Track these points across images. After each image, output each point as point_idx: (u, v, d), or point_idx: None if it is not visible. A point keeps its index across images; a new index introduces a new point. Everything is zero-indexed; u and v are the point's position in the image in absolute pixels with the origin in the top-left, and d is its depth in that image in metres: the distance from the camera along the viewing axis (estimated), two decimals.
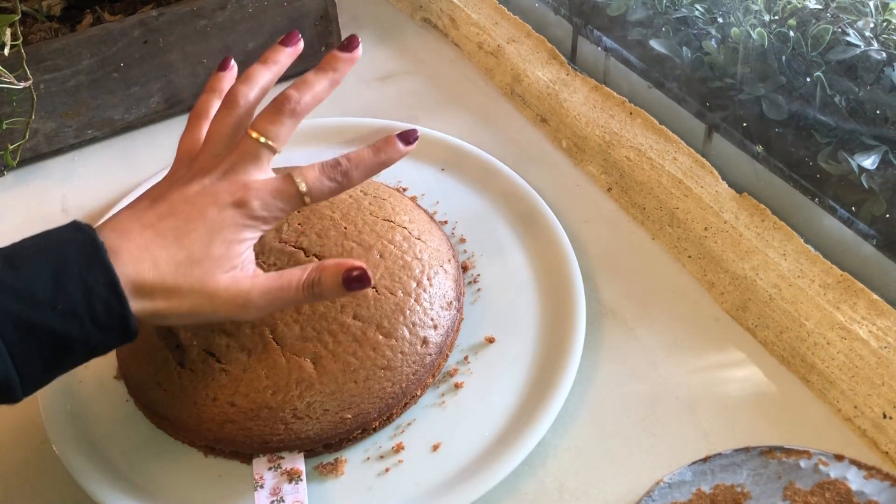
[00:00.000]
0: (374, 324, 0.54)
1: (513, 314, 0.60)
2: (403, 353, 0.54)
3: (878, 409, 0.52)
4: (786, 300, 0.57)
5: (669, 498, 0.49)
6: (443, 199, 0.69)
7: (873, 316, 0.55)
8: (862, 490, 0.49)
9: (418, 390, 0.55)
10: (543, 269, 0.63)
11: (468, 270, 0.63)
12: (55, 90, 0.72)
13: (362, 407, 0.53)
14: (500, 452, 0.51)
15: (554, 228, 0.64)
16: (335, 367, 0.53)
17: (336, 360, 0.53)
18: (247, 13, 0.77)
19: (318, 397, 0.52)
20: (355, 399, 0.52)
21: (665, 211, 0.66)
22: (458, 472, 0.51)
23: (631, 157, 0.69)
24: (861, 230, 0.59)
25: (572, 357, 0.55)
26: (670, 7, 0.72)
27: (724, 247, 0.62)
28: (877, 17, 0.59)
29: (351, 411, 0.52)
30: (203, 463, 0.53)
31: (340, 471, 0.52)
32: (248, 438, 0.52)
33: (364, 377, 0.53)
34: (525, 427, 0.52)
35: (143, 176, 0.72)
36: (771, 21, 0.64)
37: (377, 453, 0.53)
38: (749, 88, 0.65)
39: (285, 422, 0.52)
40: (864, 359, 0.53)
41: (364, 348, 0.53)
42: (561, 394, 0.53)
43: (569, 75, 0.78)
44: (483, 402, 0.55)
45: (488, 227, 0.67)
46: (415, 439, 0.54)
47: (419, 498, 0.50)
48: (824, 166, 0.60)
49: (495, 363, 0.57)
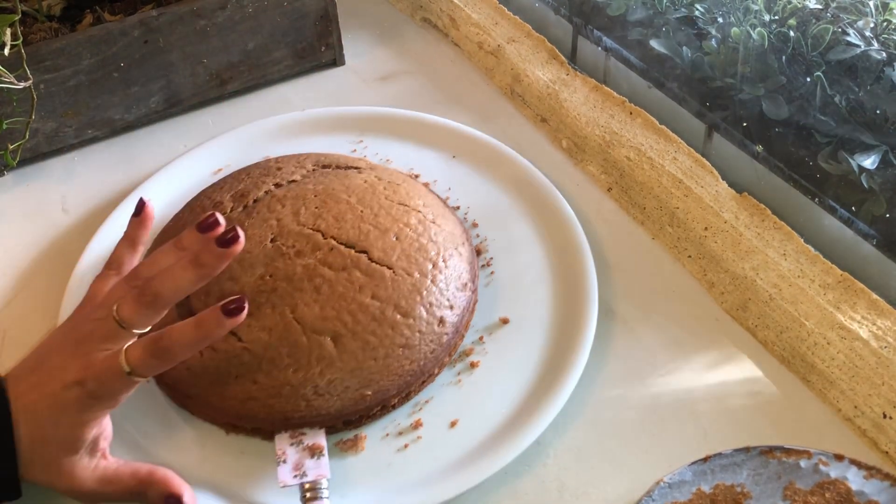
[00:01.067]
0: (391, 304, 0.55)
1: (526, 296, 0.62)
2: (421, 332, 0.55)
3: (879, 408, 0.52)
4: (786, 300, 0.57)
5: (669, 498, 0.49)
6: (455, 185, 0.70)
7: (873, 316, 0.55)
8: (862, 490, 0.49)
9: (435, 369, 0.56)
10: (555, 251, 0.64)
11: (481, 254, 0.65)
12: (55, 90, 0.72)
13: (382, 384, 0.54)
14: (516, 428, 0.53)
15: (565, 212, 0.66)
16: (355, 345, 0.54)
17: (356, 338, 0.54)
18: (247, 13, 0.77)
19: (338, 374, 0.53)
20: (375, 376, 0.53)
21: (665, 211, 0.66)
22: (475, 447, 0.53)
23: (631, 156, 0.69)
24: (861, 230, 0.59)
25: (586, 335, 0.57)
26: (670, 7, 0.72)
27: (725, 247, 0.62)
28: (877, 16, 0.59)
29: (371, 388, 0.53)
30: (225, 440, 0.54)
31: (360, 447, 0.54)
32: (269, 415, 0.53)
33: (383, 355, 0.54)
34: (540, 404, 0.54)
35: (143, 176, 0.72)
36: (771, 21, 0.64)
37: (396, 430, 0.54)
38: (749, 88, 0.65)
39: (307, 398, 0.52)
40: (865, 359, 0.53)
41: (383, 327, 0.54)
42: (575, 372, 0.55)
43: (569, 75, 0.78)
44: (499, 380, 0.56)
45: (500, 212, 0.68)
46: (433, 416, 0.55)
47: (438, 473, 0.51)
48: (824, 166, 0.60)
49: (510, 343, 0.59)
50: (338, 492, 0.51)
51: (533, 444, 0.53)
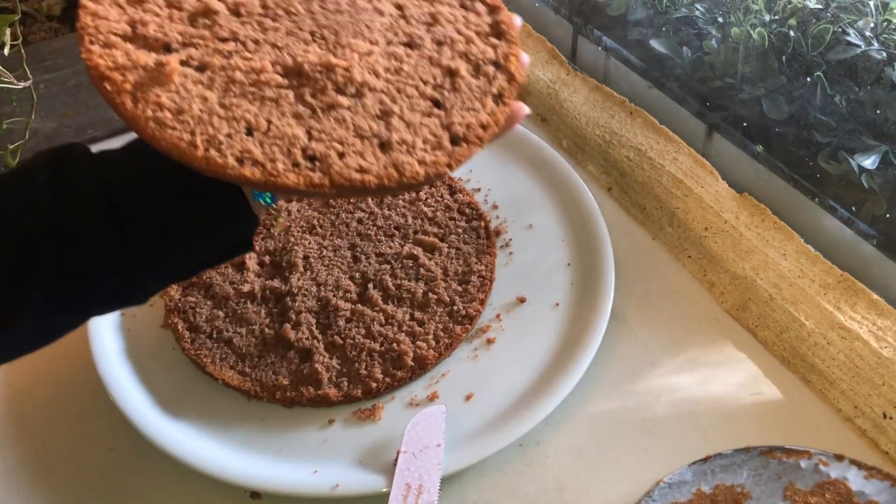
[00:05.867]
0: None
1: (543, 276, 0.63)
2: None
3: (879, 409, 0.52)
4: (786, 300, 0.57)
5: (669, 498, 0.49)
6: (477, 167, 0.72)
7: (874, 316, 0.55)
8: (862, 490, 0.49)
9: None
10: (573, 233, 0.66)
11: (501, 235, 0.66)
12: (55, 90, 0.72)
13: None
14: (531, 402, 0.54)
15: (582, 193, 0.67)
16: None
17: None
18: None
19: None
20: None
21: (665, 211, 0.66)
22: (491, 419, 0.54)
23: (631, 156, 0.69)
24: (861, 230, 0.59)
25: (601, 315, 0.58)
26: (670, 7, 0.72)
27: (725, 247, 0.62)
28: (877, 16, 0.59)
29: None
30: (247, 406, 0.56)
31: (378, 416, 0.55)
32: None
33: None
34: (555, 379, 0.55)
35: None
36: (771, 21, 0.64)
37: (413, 401, 0.56)
38: (749, 88, 0.65)
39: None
40: (865, 359, 0.53)
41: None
42: (590, 350, 0.56)
43: (569, 75, 0.78)
44: (515, 356, 0.58)
45: (521, 197, 0.69)
46: (449, 390, 0.56)
47: (454, 443, 0.52)
48: (824, 166, 0.60)
49: (526, 322, 0.60)
50: (354, 460, 0.53)
51: (533, 444, 0.54)
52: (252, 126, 0.37)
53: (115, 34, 0.38)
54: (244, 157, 0.36)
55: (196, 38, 0.39)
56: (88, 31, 0.37)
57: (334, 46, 0.40)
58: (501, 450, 0.52)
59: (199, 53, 0.38)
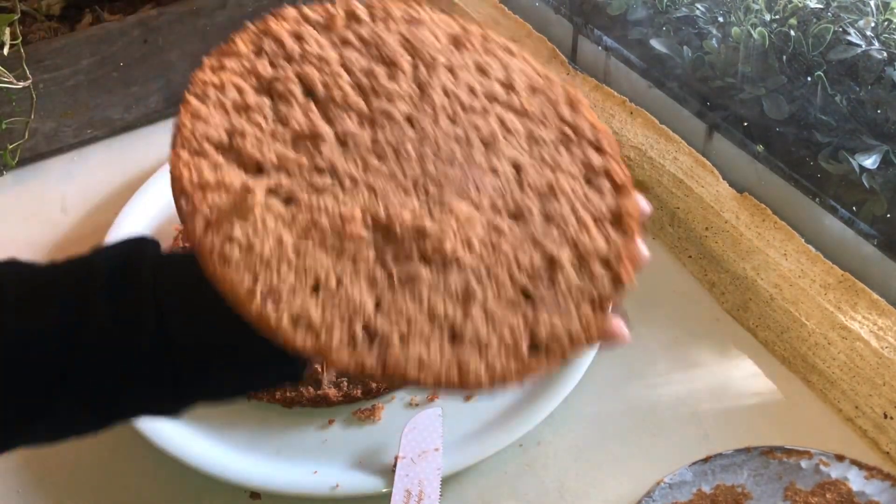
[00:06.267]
0: None
1: None
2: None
3: (879, 409, 0.52)
4: (787, 300, 0.57)
5: (670, 498, 0.49)
6: None
7: (874, 316, 0.55)
8: (863, 490, 0.49)
9: None
10: None
11: None
12: (54, 90, 0.72)
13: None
14: (531, 402, 0.54)
15: None
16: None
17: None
18: (247, 13, 0.77)
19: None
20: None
21: (665, 211, 0.66)
22: (491, 419, 0.54)
23: (631, 156, 0.69)
24: (862, 230, 0.58)
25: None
26: (671, 6, 0.72)
27: (725, 247, 0.62)
28: (877, 16, 0.59)
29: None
30: (246, 406, 0.56)
31: (377, 417, 0.55)
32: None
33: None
34: (555, 379, 0.55)
35: (143, 176, 0.72)
36: (772, 20, 0.64)
37: (413, 402, 0.56)
38: (750, 88, 0.65)
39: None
40: (866, 359, 0.53)
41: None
42: (587, 354, 0.55)
43: (569, 75, 0.77)
44: None
45: None
46: None
47: (454, 443, 0.52)
48: (825, 166, 0.60)
49: None
50: (353, 460, 0.52)
51: (533, 444, 0.53)
52: (320, 282, 0.33)
53: (209, 141, 0.35)
54: (300, 318, 0.32)
55: (293, 163, 0.35)
56: (184, 133, 0.34)
57: (434, 205, 0.36)
58: (501, 450, 0.52)
59: (290, 183, 0.35)
